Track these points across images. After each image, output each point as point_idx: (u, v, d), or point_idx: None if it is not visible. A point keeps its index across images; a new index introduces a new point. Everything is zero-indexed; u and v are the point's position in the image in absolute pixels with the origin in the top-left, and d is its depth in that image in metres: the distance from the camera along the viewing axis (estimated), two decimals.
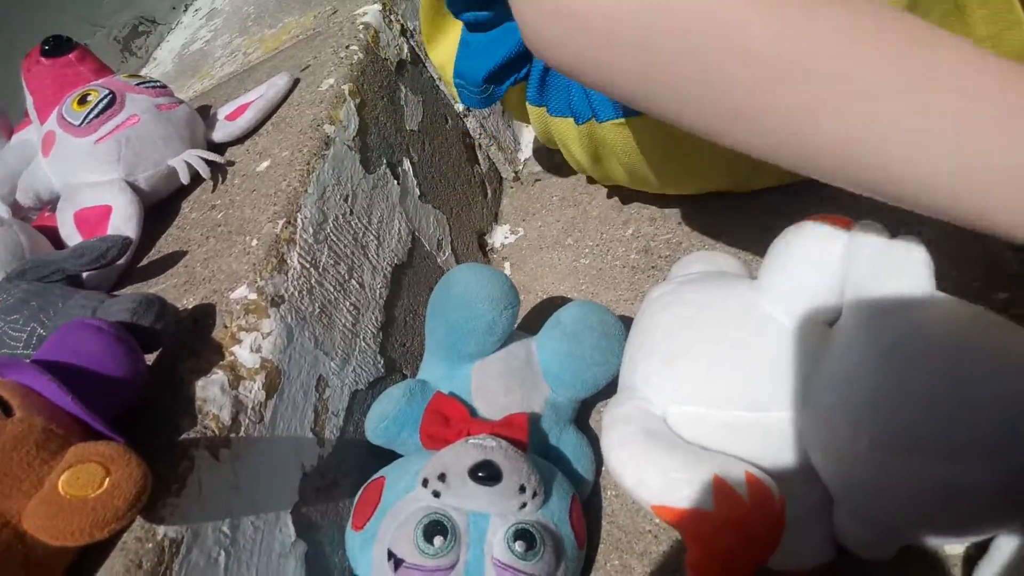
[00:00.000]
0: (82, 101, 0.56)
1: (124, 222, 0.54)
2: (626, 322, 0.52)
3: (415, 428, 0.49)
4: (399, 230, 0.63)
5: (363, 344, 0.55)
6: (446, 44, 0.64)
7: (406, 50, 0.74)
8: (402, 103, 0.70)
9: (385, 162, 0.64)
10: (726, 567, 0.35)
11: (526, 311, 0.70)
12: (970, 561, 0.38)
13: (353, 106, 0.62)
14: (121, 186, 0.55)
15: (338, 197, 0.56)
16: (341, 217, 0.56)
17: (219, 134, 0.63)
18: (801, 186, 0.59)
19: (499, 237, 0.82)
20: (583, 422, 0.57)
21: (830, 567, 0.39)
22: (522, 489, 0.42)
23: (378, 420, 0.50)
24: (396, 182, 0.65)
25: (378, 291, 0.58)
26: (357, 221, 0.57)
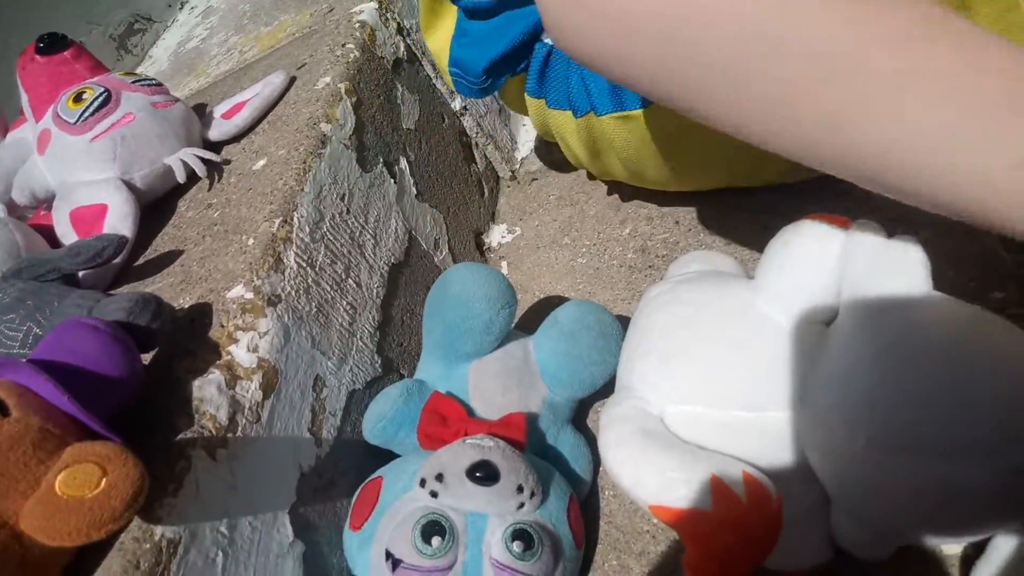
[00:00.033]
0: (77, 99, 0.56)
1: (120, 221, 0.54)
2: (623, 321, 0.52)
3: (412, 428, 0.49)
4: (396, 229, 0.63)
5: (360, 344, 0.55)
6: (443, 30, 0.63)
7: (402, 48, 0.74)
8: (399, 102, 0.70)
9: (382, 161, 0.64)
10: (723, 567, 0.35)
11: (523, 310, 0.70)
12: (968, 561, 0.38)
13: (349, 104, 0.61)
14: (117, 184, 0.55)
15: (335, 196, 0.56)
16: (338, 216, 0.55)
17: (215, 132, 0.63)
18: (799, 186, 0.59)
19: (496, 236, 0.82)
20: (581, 422, 0.57)
21: (828, 567, 0.39)
22: (520, 489, 0.42)
23: (375, 420, 0.50)
24: (393, 181, 0.65)
25: (375, 290, 0.58)
26: (354, 220, 0.57)
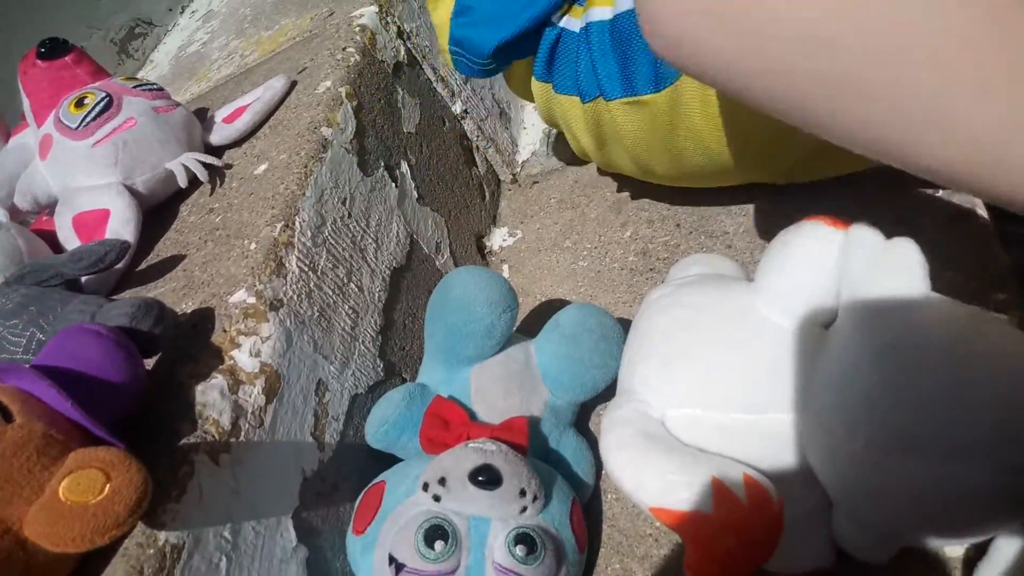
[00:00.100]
0: (79, 104, 0.56)
1: (122, 226, 0.54)
2: (624, 324, 0.52)
3: (415, 432, 0.49)
4: (397, 233, 0.63)
5: (362, 348, 0.55)
6: (447, 4, 0.62)
7: (403, 52, 0.74)
8: (399, 105, 0.70)
9: (383, 165, 0.64)
10: (725, 569, 0.35)
11: (525, 314, 0.70)
12: (970, 563, 0.39)
13: (350, 108, 0.62)
14: (119, 189, 0.55)
15: (336, 200, 0.56)
16: (339, 220, 0.56)
17: (216, 137, 0.63)
18: (798, 187, 0.60)
19: (497, 240, 0.82)
20: (583, 425, 0.57)
21: (829, 570, 0.39)
22: (522, 493, 0.42)
23: (378, 424, 0.50)
24: (394, 185, 0.65)
25: (377, 294, 0.58)
26: (355, 224, 0.57)
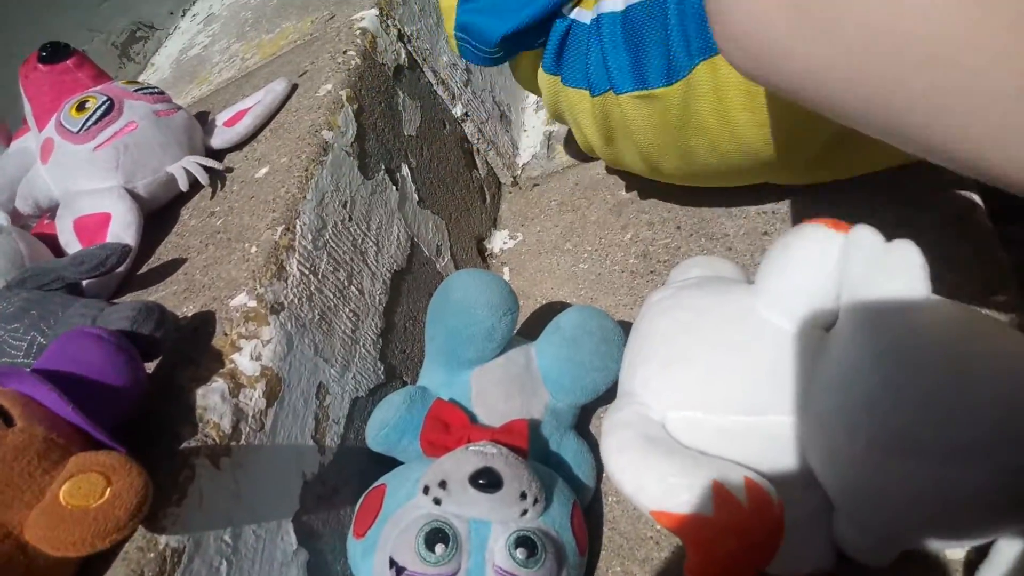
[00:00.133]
0: (80, 108, 0.56)
1: (123, 229, 0.54)
2: (625, 327, 0.52)
3: (416, 435, 0.49)
4: (398, 236, 0.63)
5: (363, 351, 0.55)
6: None
7: (404, 55, 0.74)
8: (400, 108, 0.71)
9: (383, 168, 0.64)
10: (726, 572, 0.35)
11: (525, 316, 0.70)
12: (971, 566, 0.38)
13: (351, 112, 0.62)
14: (120, 193, 0.55)
15: (337, 203, 0.56)
16: (340, 223, 0.56)
17: (217, 140, 0.63)
18: (799, 189, 0.60)
19: (498, 242, 0.82)
20: (583, 428, 0.57)
21: (830, 572, 0.39)
22: (523, 496, 0.42)
23: (379, 427, 0.50)
24: (395, 188, 0.65)
25: (377, 297, 0.58)
26: (356, 227, 0.58)
